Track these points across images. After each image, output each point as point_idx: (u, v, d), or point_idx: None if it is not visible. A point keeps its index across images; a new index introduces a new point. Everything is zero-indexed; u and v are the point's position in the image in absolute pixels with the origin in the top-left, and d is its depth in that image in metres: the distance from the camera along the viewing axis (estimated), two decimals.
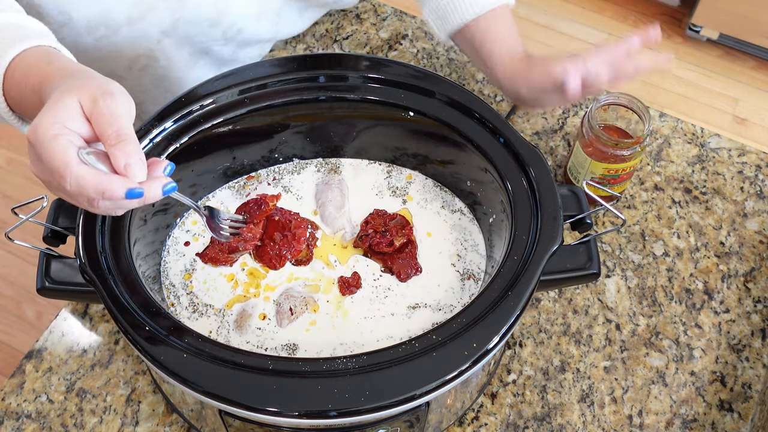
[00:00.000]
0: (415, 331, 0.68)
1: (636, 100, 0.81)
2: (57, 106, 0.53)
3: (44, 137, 0.52)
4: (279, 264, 0.71)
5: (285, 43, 1.01)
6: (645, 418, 0.74)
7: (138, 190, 0.53)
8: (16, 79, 0.61)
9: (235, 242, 0.69)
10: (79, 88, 0.54)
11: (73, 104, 0.53)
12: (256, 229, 0.70)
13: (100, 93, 0.54)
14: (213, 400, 0.56)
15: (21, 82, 0.61)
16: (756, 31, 2.11)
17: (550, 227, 0.64)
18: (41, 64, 0.61)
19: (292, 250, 0.71)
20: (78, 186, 0.52)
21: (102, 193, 0.52)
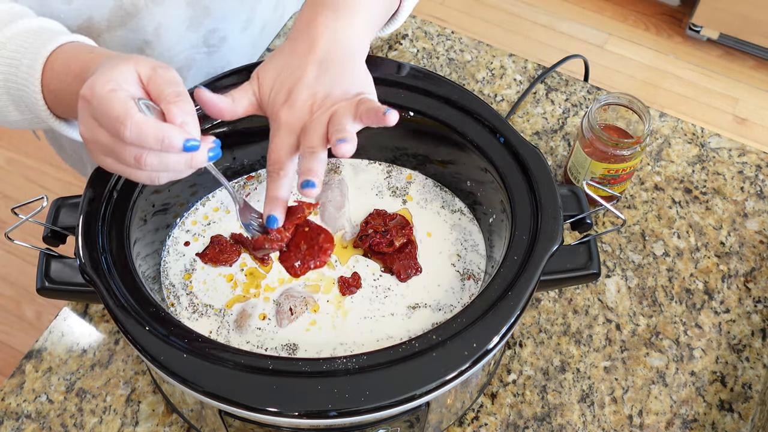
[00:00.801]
0: (415, 331, 0.68)
1: (636, 100, 0.81)
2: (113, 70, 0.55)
3: (102, 91, 0.53)
4: (301, 272, 0.71)
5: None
6: (645, 418, 0.74)
7: (195, 142, 0.54)
8: (56, 70, 0.63)
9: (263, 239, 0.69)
10: (137, 60, 0.56)
11: (129, 70, 0.55)
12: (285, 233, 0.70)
13: (159, 65, 0.56)
14: (213, 400, 0.56)
15: (62, 72, 0.62)
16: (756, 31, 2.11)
17: (550, 227, 0.64)
18: (82, 53, 0.63)
19: (317, 261, 0.71)
20: (138, 133, 0.52)
21: (162, 141, 0.53)
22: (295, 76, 0.61)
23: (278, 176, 0.61)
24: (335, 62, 0.61)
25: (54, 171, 1.94)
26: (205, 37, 0.89)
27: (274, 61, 0.63)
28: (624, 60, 2.21)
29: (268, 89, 0.62)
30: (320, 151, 0.58)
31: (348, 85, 0.61)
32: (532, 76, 0.99)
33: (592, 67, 1.12)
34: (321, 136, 0.59)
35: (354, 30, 0.63)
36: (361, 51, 0.64)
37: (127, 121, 0.52)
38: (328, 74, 0.61)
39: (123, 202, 0.66)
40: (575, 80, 0.99)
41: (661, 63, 2.21)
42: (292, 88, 0.61)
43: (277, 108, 0.61)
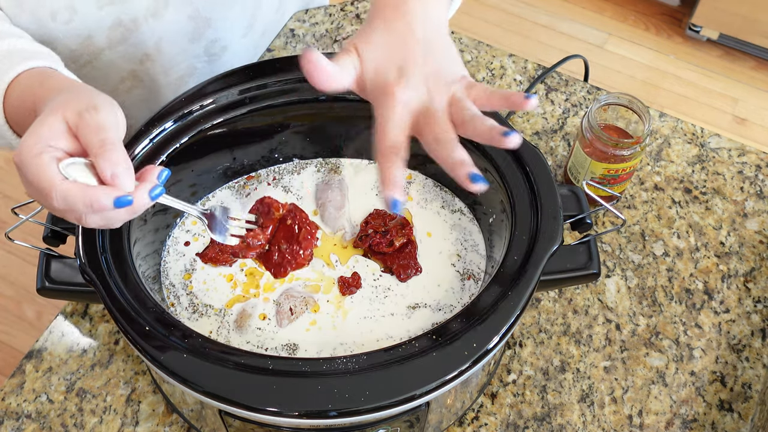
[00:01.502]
0: (415, 331, 0.68)
1: (636, 100, 0.81)
2: (41, 126, 0.53)
3: (27, 157, 0.52)
4: (280, 274, 0.70)
5: (285, 42, 1.01)
6: (645, 418, 0.74)
7: (126, 198, 0.53)
8: (15, 105, 0.62)
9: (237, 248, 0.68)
10: (64, 105, 0.54)
11: (57, 122, 0.53)
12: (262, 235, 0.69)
13: (85, 107, 0.54)
14: (213, 400, 0.56)
15: (19, 106, 0.61)
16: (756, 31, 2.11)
17: (550, 227, 0.64)
18: (34, 86, 0.61)
19: (293, 264, 0.70)
20: (65, 202, 0.51)
21: (90, 206, 0.52)
22: (402, 55, 0.59)
23: (396, 158, 0.57)
24: (435, 43, 0.60)
25: None
26: (207, 48, 0.89)
27: (371, 36, 0.60)
28: (624, 60, 2.21)
29: (372, 66, 0.59)
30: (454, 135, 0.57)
31: (452, 67, 0.60)
32: (532, 76, 0.99)
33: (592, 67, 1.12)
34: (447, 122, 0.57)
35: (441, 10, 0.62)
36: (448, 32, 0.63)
37: (52, 192, 0.51)
38: (433, 55, 0.59)
39: None
40: (575, 80, 0.99)
41: (661, 63, 2.21)
42: (403, 66, 0.58)
43: (390, 85, 0.58)
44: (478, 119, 0.56)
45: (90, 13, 0.76)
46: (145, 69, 0.85)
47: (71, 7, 0.75)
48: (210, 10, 0.85)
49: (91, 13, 0.76)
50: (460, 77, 0.59)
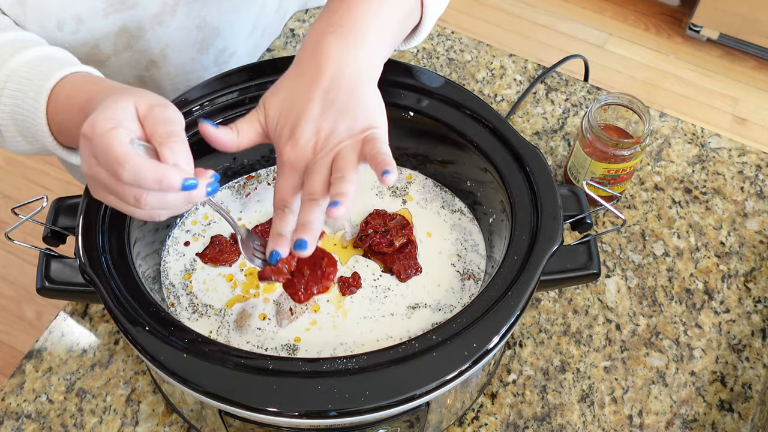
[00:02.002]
0: (415, 331, 0.68)
1: (636, 100, 0.81)
2: (113, 106, 0.54)
3: (102, 130, 0.53)
4: (305, 297, 0.69)
5: (285, 42, 1.01)
6: (645, 418, 0.74)
7: (193, 181, 0.54)
8: (61, 102, 0.62)
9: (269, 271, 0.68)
10: (136, 95, 0.56)
11: (129, 106, 0.55)
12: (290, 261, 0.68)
13: (156, 102, 0.56)
14: (213, 400, 0.56)
15: (66, 104, 0.62)
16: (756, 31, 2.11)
17: (550, 227, 0.64)
18: (87, 85, 0.62)
19: (320, 286, 0.69)
20: (135, 174, 0.52)
21: (160, 182, 0.52)
22: (299, 109, 0.59)
23: (282, 213, 0.60)
24: (341, 92, 0.59)
25: (54, 171, 1.94)
26: (216, 57, 0.89)
27: (279, 89, 0.61)
28: (624, 60, 2.21)
29: (274, 120, 0.61)
30: (321, 199, 0.57)
31: (354, 119, 0.59)
32: (532, 76, 0.99)
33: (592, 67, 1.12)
34: (323, 182, 0.58)
35: (364, 52, 0.60)
36: (370, 76, 0.61)
37: (126, 163, 0.52)
38: (334, 107, 0.59)
39: None
40: (575, 80, 0.99)
41: (661, 63, 2.21)
42: (296, 124, 0.59)
43: (281, 145, 0.60)
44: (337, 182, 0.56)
45: (96, 22, 0.76)
46: (150, 75, 0.85)
47: (78, 17, 0.75)
48: (218, 20, 0.85)
49: (97, 22, 0.76)
50: (360, 130, 0.58)
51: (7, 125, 0.66)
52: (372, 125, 0.59)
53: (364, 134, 0.58)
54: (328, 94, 0.59)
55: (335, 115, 0.59)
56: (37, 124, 0.64)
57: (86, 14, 0.75)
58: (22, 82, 0.64)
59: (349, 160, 0.57)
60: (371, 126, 0.59)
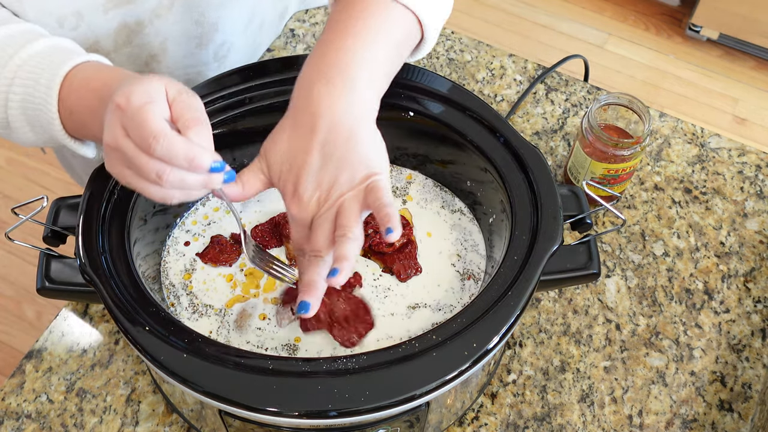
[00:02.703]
0: (415, 331, 0.68)
1: (636, 100, 0.81)
2: (148, 84, 0.55)
3: (139, 102, 0.53)
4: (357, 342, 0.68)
5: (285, 42, 1.01)
6: (645, 418, 0.74)
7: (219, 164, 0.55)
8: (75, 87, 0.63)
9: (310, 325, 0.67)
10: (166, 79, 0.57)
11: (160, 87, 0.55)
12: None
13: (185, 89, 0.57)
14: (213, 400, 0.56)
15: (81, 88, 0.62)
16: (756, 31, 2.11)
17: (550, 227, 0.64)
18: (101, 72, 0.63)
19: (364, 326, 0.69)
20: (168, 150, 0.52)
21: (190, 161, 0.53)
22: (299, 164, 0.60)
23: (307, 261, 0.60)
24: (338, 144, 0.58)
25: (54, 171, 1.94)
26: (215, 52, 0.89)
27: (279, 139, 0.61)
28: (624, 60, 2.21)
29: (276, 173, 0.61)
30: (326, 255, 0.58)
31: (354, 169, 0.59)
32: (532, 76, 0.99)
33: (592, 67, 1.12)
34: (327, 238, 0.58)
35: (355, 95, 0.59)
36: (366, 120, 0.60)
37: (161, 137, 0.52)
38: (333, 159, 0.59)
39: (123, 202, 0.66)
40: (575, 80, 0.99)
41: (661, 63, 2.21)
42: (298, 179, 0.60)
43: (287, 200, 0.61)
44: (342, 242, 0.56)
45: (96, 17, 0.76)
46: (150, 70, 0.85)
47: (78, 13, 0.75)
48: (216, 14, 0.85)
49: (97, 18, 0.76)
50: (362, 179, 0.59)
51: (15, 115, 0.66)
52: (372, 172, 0.59)
53: (366, 183, 0.58)
54: (326, 147, 0.59)
55: (335, 167, 0.59)
56: (48, 112, 0.64)
57: (86, 10, 0.75)
58: (34, 71, 0.64)
59: (351, 213, 0.58)
60: (372, 174, 0.59)
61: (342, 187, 0.59)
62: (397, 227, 0.56)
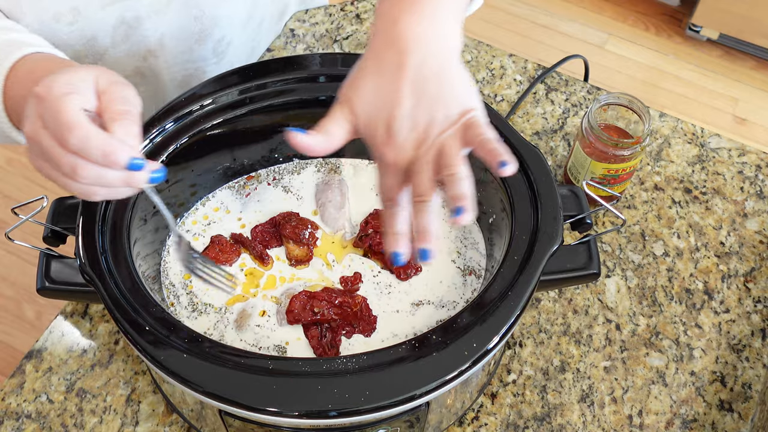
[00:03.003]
0: (420, 328, 0.69)
1: (636, 100, 0.81)
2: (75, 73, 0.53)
3: (58, 93, 0.51)
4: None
5: (285, 42, 1.01)
6: (645, 418, 0.74)
7: (140, 161, 0.52)
8: (20, 77, 0.61)
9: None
10: (97, 70, 0.55)
11: (88, 77, 0.54)
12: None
13: (116, 80, 0.54)
14: (213, 400, 0.56)
15: (25, 78, 0.61)
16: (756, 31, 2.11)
17: (550, 227, 0.64)
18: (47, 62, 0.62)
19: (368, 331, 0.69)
20: (82, 142, 0.50)
21: (105, 156, 0.51)
22: (390, 105, 0.56)
23: (393, 210, 0.57)
24: (430, 80, 0.55)
25: None
26: (214, 48, 0.89)
27: (362, 85, 0.57)
28: (624, 60, 2.21)
29: (364, 119, 0.57)
30: (432, 199, 0.54)
31: (449, 105, 0.56)
32: (532, 76, 0.99)
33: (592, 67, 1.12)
34: (431, 180, 0.55)
35: (444, 25, 0.56)
36: (454, 52, 0.57)
37: (75, 129, 0.50)
38: (426, 96, 0.55)
39: (123, 202, 0.66)
40: (575, 80, 0.99)
41: (661, 63, 2.21)
42: (391, 122, 0.56)
43: (379, 145, 0.57)
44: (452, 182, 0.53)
45: (93, 13, 0.76)
46: (148, 65, 0.85)
47: (75, 8, 0.75)
48: (215, 10, 0.85)
49: (94, 14, 0.76)
50: (458, 115, 0.56)
51: None
52: (468, 108, 0.56)
53: (463, 120, 0.55)
54: (417, 84, 0.55)
55: (429, 105, 0.55)
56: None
57: (83, 6, 0.75)
58: None
59: (454, 152, 0.54)
60: (468, 109, 0.56)
61: (440, 125, 0.55)
62: (511, 159, 0.52)
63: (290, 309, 0.68)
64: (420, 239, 0.54)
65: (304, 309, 0.68)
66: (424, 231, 0.54)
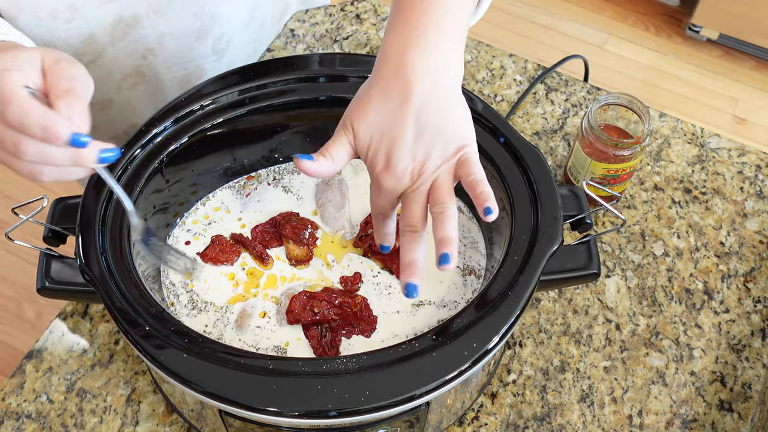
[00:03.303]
0: (421, 328, 0.69)
1: (636, 100, 0.81)
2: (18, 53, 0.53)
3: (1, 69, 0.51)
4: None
5: (285, 43, 1.01)
6: (645, 418, 0.74)
7: (84, 138, 0.51)
8: None
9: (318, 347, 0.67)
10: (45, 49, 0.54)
11: (35, 56, 0.53)
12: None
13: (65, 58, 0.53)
14: (213, 400, 0.56)
15: None
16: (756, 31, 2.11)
17: (550, 227, 0.64)
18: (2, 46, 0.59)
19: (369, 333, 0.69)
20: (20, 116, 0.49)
21: (45, 130, 0.50)
22: (392, 136, 0.58)
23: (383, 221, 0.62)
24: (432, 113, 0.57)
25: None
26: (214, 45, 0.89)
27: (367, 110, 0.59)
28: (624, 60, 2.21)
29: (365, 145, 0.59)
30: (421, 230, 0.58)
31: (447, 141, 0.58)
32: (532, 77, 0.99)
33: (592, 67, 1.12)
34: (422, 212, 0.58)
35: (447, 55, 0.58)
36: (458, 78, 0.59)
37: (12, 102, 0.49)
38: (428, 130, 0.57)
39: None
40: (575, 80, 0.99)
41: (661, 63, 2.21)
42: (391, 151, 0.58)
43: (377, 171, 0.59)
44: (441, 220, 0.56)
45: (91, 11, 0.76)
46: (147, 64, 0.85)
47: (72, 5, 0.75)
48: (215, 8, 0.85)
49: (92, 11, 0.76)
50: (453, 152, 0.58)
51: None
52: (463, 144, 0.58)
53: (457, 156, 0.58)
54: (420, 117, 0.57)
55: (429, 139, 0.58)
56: None
57: (80, 3, 0.75)
58: None
59: (446, 189, 0.57)
60: (463, 146, 0.58)
61: (436, 160, 0.58)
62: (495, 207, 0.55)
63: (290, 309, 0.68)
64: (406, 273, 0.57)
65: (304, 309, 0.68)
66: (411, 263, 0.57)
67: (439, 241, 0.55)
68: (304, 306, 0.68)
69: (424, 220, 0.58)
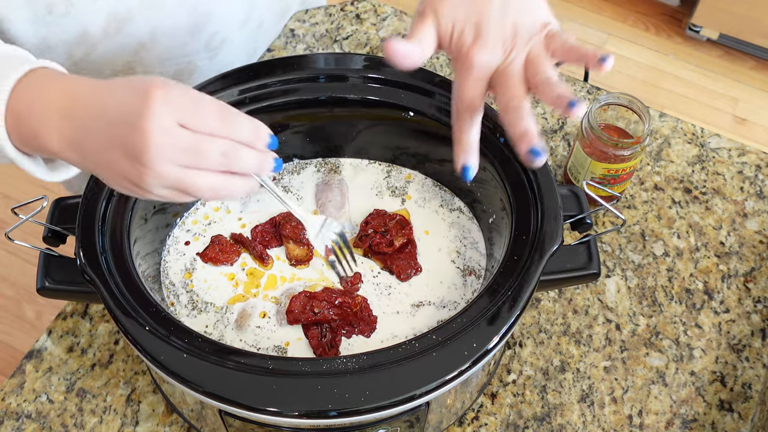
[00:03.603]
0: (421, 328, 0.69)
1: (636, 100, 0.81)
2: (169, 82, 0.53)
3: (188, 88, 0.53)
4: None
5: (285, 43, 1.01)
6: (645, 418, 0.74)
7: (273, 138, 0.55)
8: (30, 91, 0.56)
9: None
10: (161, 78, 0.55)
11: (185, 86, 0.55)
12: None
13: None
14: (213, 400, 0.56)
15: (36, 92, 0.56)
16: (756, 31, 2.11)
17: (550, 227, 0.64)
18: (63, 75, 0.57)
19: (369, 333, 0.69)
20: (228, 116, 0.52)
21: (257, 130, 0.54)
22: (478, 11, 0.56)
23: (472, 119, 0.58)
24: None
25: None
26: (207, 42, 0.89)
27: None
28: (624, 60, 2.21)
29: (449, 25, 0.57)
30: (525, 101, 0.56)
31: (534, 14, 0.57)
32: None
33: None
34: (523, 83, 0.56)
35: None
36: None
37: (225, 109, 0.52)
38: (512, 4, 0.56)
39: (123, 202, 0.66)
40: (575, 80, 0.99)
41: (661, 63, 2.21)
42: (479, 24, 0.56)
43: (466, 47, 0.57)
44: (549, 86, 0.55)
45: (86, 5, 0.76)
46: (139, 59, 0.85)
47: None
48: (209, 5, 0.85)
49: (86, 5, 0.76)
50: (540, 26, 0.57)
51: None
52: (548, 20, 0.58)
53: (545, 30, 0.57)
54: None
55: (516, 10, 0.57)
56: None
57: None
58: None
59: (544, 59, 0.56)
60: (549, 20, 0.58)
61: (526, 32, 0.57)
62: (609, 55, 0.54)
63: (290, 309, 0.68)
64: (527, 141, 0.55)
65: (304, 309, 0.68)
66: (526, 132, 0.55)
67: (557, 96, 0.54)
68: (304, 306, 0.68)
69: (525, 93, 0.56)
